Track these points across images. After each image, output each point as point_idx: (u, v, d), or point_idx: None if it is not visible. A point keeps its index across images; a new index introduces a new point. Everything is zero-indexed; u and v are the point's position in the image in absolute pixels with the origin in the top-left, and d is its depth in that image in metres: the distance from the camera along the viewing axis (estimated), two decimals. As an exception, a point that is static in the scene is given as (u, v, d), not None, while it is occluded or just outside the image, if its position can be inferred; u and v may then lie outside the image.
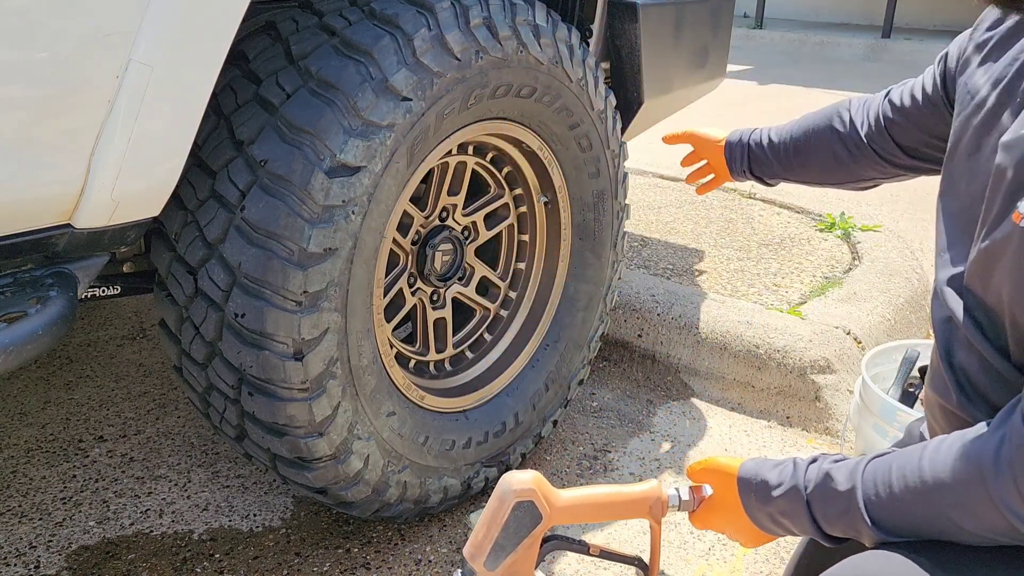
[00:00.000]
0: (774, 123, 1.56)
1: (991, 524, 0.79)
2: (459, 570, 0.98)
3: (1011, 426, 0.77)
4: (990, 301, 0.86)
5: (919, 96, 1.20)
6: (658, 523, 1.02)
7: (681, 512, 1.03)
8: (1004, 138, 0.84)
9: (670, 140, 1.68)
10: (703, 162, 1.65)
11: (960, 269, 0.91)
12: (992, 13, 1.00)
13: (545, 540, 0.97)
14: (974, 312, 0.89)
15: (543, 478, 0.96)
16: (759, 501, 0.95)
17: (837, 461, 0.91)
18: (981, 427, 0.81)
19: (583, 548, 1.01)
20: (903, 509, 0.84)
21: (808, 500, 0.90)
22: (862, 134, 1.31)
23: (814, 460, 0.93)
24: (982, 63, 0.97)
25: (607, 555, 1.03)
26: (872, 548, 0.89)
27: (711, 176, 1.65)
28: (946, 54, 1.12)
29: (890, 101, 1.27)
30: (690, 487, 1.04)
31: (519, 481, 0.95)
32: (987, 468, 0.77)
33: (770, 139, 1.48)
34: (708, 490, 1.02)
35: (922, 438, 1.08)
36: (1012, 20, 0.95)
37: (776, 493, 0.93)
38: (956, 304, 0.91)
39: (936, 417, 0.99)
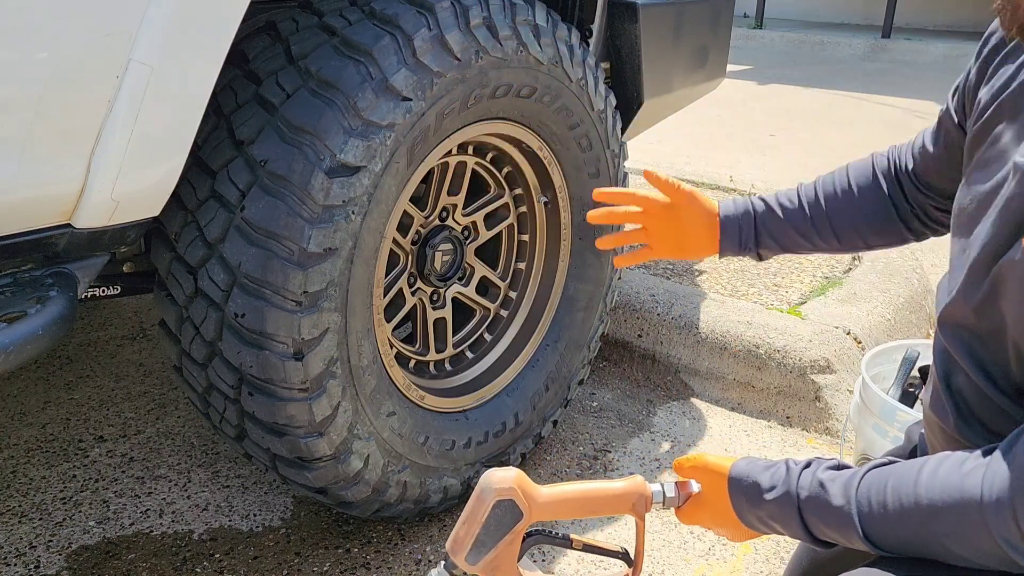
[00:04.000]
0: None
1: (986, 554, 0.78)
2: (441, 562, 0.99)
3: (1012, 461, 0.76)
4: (991, 327, 0.84)
5: (943, 135, 1.09)
6: (642, 519, 1.01)
7: (666, 508, 1.03)
8: (1018, 159, 0.82)
9: (656, 182, 1.24)
10: (636, 226, 1.28)
11: (954, 297, 0.89)
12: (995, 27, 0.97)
13: (528, 535, 0.98)
14: (969, 342, 0.88)
15: (524, 475, 0.97)
16: (749, 503, 0.94)
17: (831, 468, 0.90)
18: (979, 455, 0.80)
19: (566, 542, 1.01)
20: (896, 529, 0.83)
21: (800, 507, 0.90)
22: (913, 178, 1.16)
23: (807, 465, 0.92)
24: (986, 81, 0.93)
25: (591, 549, 1.03)
26: (871, 559, 0.88)
27: (642, 246, 1.30)
28: (957, 86, 1.05)
29: (922, 146, 1.14)
30: (676, 483, 1.03)
31: (499, 479, 0.95)
32: (987, 503, 0.76)
33: (783, 206, 1.22)
34: (695, 486, 1.01)
35: (921, 442, 1.08)
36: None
37: (768, 497, 0.92)
38: (954, 332, 0.90)
39: (936, 435, 0.98)
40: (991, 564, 0.79)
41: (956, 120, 1.03)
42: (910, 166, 1.16)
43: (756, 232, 1.23)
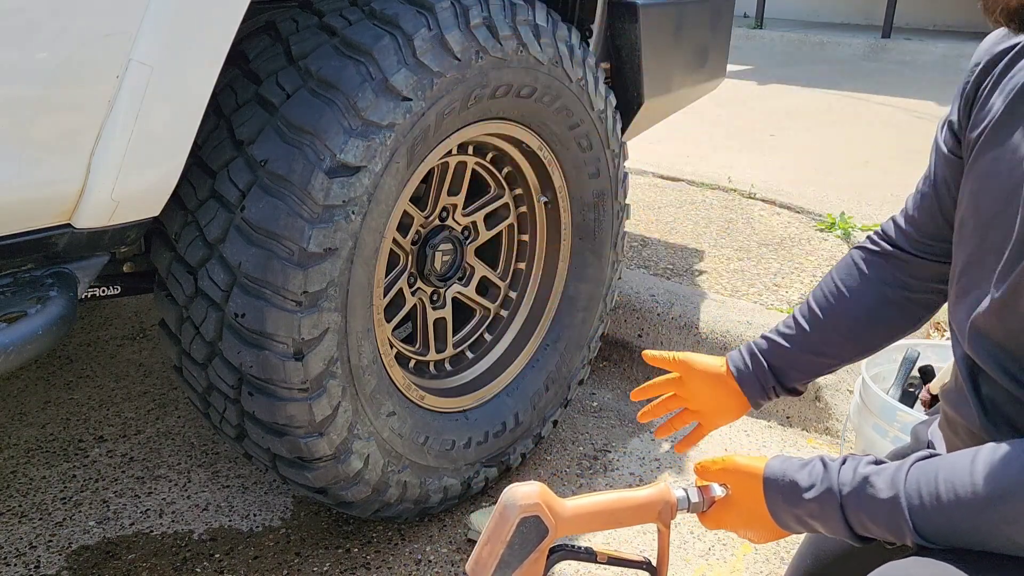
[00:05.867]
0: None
1: None
2: None
3: None
4: (1015, 330, 0.83)
5: (945, 166, 1.03)
6: (667, 527, 0.99)
7: (691, 514, 1.01)
8: None
9: (653, 361, 1.28)
10: (678, 409, 1.29)
11: (984, 306, 0.87)
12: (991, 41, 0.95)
13: (551, 551, 0.95)
14: (996, 350, 0.86)
15: (547, 489, 0.94)
16: (787, 503, 0.92)
17: (872, 463, 0.88)
18: None
19: (591, 557, 0.99)
20: (951, 520, 0.81)
21: (843, 504, 0.87)
22: (906, 248, 1.11)
23: (844, 461, 0.90)
24: (995, 83, 0.92)
25: (615, 561, 1.01)
26: (911, 552, 0.86)
27: (695, 424, 1.29)
28: (948, 119, 1.01)
29: (911, 200, 1.10)
30: (699, 487, 1.01)
31: (524, 495, 0.91)
32: None
33: (784, 334, 1.19)
34: (717, 489, 1.00)
35: (932, 440, 1.07)
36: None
37: (808, 495, 0.90)
38: (979, 342, 0.88)
39: (960, 435, 0.97)
40: None
41: (956, 136, 0.99)
42: (905, 228, 1.11)
43: (774, 373, 1.19)
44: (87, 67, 1.11)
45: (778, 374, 1.19)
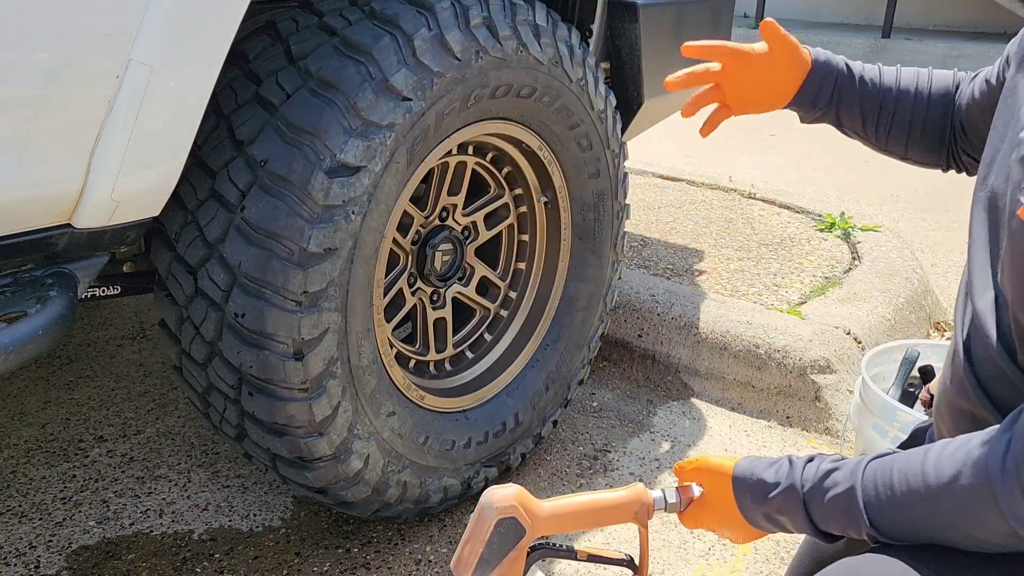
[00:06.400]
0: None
1: (995, 531, 0.77)
2: None
3: (1017, 431, 0.75)
4: (1006, 298, 0.84)
5: (985, 88, 1.10)
6: (645, 527, 1.02)
7: (668, 513, 1.03)
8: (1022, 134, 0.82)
9: (693, 52, 1.26)
10: (708, 85, 1.28)
11: (989, 269, 0.88)
12: None
13: (532, 549, 0.98)
14: (996, 313, 0.86)
15: (525, 491, 0.97)
16: (755, 501, 0.94)
17: (836, 461, 0.90)
18: (986, 433, 0.79)
19: (571, 554, 1.02)
20: (904, 512, 0.82)
21: (805, 499, 0.89)
22: (958, 112, 1.17)
23: (811, 459, 0.92)
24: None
25: (595, 559, 1.03)
26: (870, 549, 0.88)
27: (715, 105, 1.30)
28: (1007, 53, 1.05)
29: (972, 88, 1.15)
30: (677, 487, 1.03)
31: (500, 497, 0.95)
32: (994, 474, 0.75)
33: (868, 79, 1.20)
34: (696, 489, 1.02)
35: (929, 439, 1.07)
36: None
37: (773, 493, 0.92)
38: (979, 303, 0.88)
39: (944, 420, 0.97)
40: (1001, 545, 0.78)
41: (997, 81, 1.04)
42: (960, 101, 1.16)
43: (832, 93, 1.20)
44: (87, 67, 1.11)
45: (832, 98, 1.20)
